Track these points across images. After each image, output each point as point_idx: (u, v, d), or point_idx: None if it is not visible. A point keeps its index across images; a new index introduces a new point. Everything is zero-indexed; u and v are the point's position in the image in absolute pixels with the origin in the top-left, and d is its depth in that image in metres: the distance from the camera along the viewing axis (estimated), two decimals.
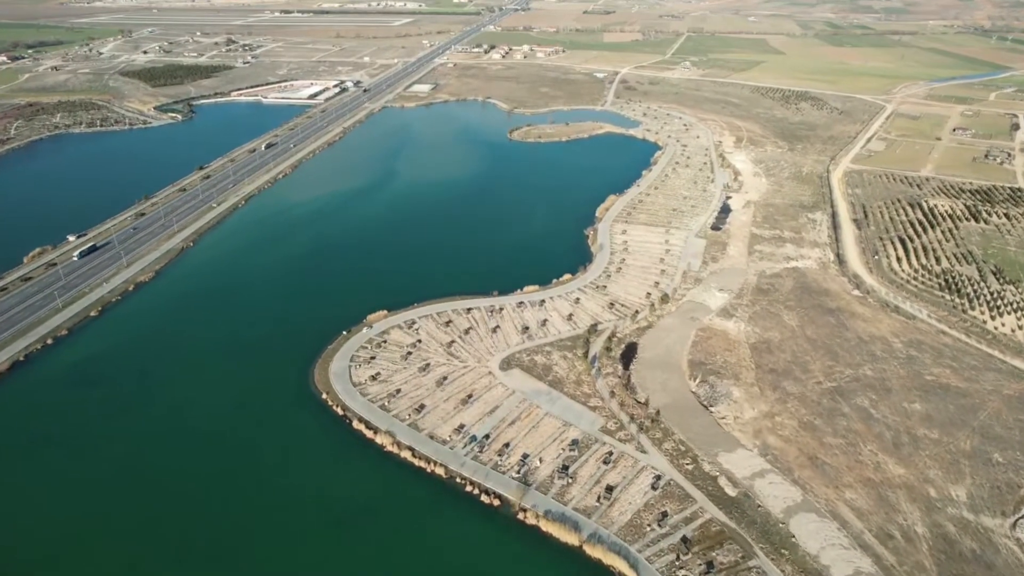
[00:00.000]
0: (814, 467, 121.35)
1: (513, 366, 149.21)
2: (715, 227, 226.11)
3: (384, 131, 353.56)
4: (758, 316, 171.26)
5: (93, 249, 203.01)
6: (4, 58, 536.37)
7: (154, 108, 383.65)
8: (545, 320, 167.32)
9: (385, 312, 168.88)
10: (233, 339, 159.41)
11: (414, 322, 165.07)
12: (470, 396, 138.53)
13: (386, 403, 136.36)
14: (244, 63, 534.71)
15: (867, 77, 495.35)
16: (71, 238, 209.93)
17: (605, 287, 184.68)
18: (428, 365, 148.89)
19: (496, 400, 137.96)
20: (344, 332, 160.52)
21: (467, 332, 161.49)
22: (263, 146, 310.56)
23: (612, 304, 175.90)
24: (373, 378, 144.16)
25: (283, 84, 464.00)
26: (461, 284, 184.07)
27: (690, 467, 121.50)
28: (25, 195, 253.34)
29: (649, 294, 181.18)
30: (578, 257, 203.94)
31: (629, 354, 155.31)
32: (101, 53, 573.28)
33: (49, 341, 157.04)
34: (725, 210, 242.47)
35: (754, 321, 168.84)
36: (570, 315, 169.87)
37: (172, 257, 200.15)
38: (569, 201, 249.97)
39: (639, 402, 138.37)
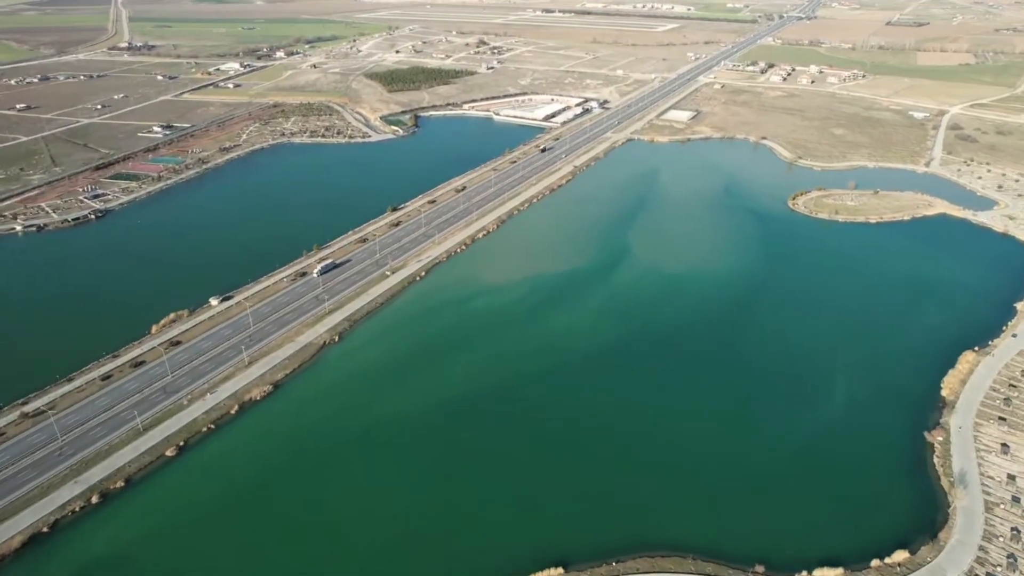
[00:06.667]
0: None
1: None
2: None
3: (622, 178, 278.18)
4: None
5: None
6: (282, 54, 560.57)
7: (380, 117, 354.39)
8: None
9: (561, 572, 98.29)
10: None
11: None
12: None
13: None
14: (488, 68, 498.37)
15: None
16: (213, 302, 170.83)
17: None
18: None
19: None
20: None
21: None
22: (464, 190, 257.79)
23: None
24: None
25: (521, 98, 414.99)
26: (697, 527, 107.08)
27: None
28: (207, 223, 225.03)
29: None
30: (913, 499, 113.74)
31: None
32: (360, 51, 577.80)
33: (95, 499, 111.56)
34: None
35: None
36: None
37: (304, 359, 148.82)
38: (887, 353, 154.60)
39: None
